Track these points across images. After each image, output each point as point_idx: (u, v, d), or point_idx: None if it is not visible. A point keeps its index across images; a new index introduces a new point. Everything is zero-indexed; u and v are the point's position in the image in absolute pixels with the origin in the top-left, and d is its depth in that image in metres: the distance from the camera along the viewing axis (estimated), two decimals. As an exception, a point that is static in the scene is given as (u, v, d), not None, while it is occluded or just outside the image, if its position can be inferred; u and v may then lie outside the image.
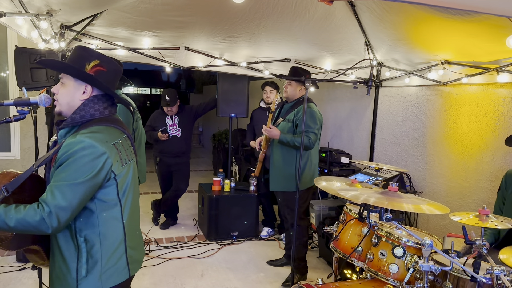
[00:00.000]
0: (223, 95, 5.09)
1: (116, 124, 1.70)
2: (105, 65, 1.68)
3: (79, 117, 1.63)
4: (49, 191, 1.47)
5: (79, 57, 1.66)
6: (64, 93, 1.66)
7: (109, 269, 1.61)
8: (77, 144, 1.50)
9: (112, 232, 1.62)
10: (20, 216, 1.41)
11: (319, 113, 3.62)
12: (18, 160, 5.56)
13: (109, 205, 1.60)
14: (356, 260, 2.43)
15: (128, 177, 1.68)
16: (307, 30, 3.55)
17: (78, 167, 1.49)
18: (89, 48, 1.77)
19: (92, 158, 1.51)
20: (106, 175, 1.56)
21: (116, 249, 1.63)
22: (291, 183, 3.56)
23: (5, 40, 5.43)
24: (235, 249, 4.51)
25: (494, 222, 1.86)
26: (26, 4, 2.87)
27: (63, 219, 1.46)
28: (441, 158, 3.94)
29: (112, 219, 1.62)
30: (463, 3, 1.54)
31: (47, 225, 1.43)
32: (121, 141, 1.67)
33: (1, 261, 3.88)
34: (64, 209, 1.45)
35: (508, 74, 3.18)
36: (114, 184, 1.60)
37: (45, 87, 2.89)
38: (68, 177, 1.48)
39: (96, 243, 1.58)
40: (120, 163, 1.62)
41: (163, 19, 3.39)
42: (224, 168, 5.44)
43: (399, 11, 2.92)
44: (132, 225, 1.72)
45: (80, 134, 1.54)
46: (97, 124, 1.62)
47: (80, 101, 1.65)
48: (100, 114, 1.67)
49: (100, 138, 1.56)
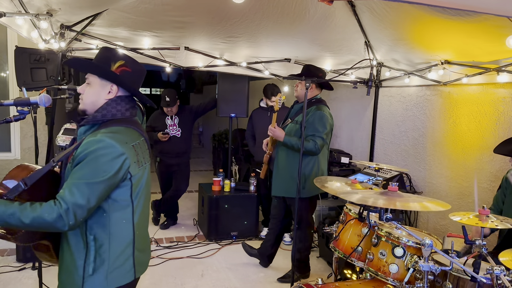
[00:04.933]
0: (223, 95, 5.09)
1: (136, 126, 1.72)
2: (130, 65, 1.70)
3: (101, 116, 1.64)
4: (67, 188, 1.47)
5: (104, 57, 1.68)
6: (90, 93, 1.67)
7: (115, 269, 1.62)
8: (98, 143, 1.51)
9: (121, 233, 1.62)
10: (36, 214, 1.41)
11: (330, 116, 3.47)
12: (18, 160, 5.56)
13: (122, 206, 1.61)
14: (356, 260, 2.43)
15: (143, 179, 1.69)
16: (307, 30, 3.55)
17: (98, 166, 1.50)
18: (114, 49, 1.78)
19: (112, 158, 1.52)
20: (124, 175, 1.57)
21: (124, 250, 1.64)
22: (294, 188, 3.29)
23: (5, 40, 5.43)
24: (235, 249, 4.51)
25: (494, 222, 1.86)
26: (26, 4, 2.87)
27: (80, 216, 1.47)
28: (441, 158, 3.94)
29: (123, 220, 1.63)
30: (463, 3, 1.54)
31: (64, 222, 1.43)
32: (139, 143, 1.69)
33: (1, 261, 3.88)
34: (81, 207, 1.46)
35: (508, 74, 3.18)
36: (129, 185, 1.61)
37: (45, 87, 2.89)
38: (87, 176, 1.48)
39: (105, 242, 1.59)
40: (137, 165, 1.64)
41: (163, 19, 3.39)
42: (224, 168, 5.44)
43: (399, 11, 2.92)
44: (142, 227, 1.74)
45: (101, 133, 1.55)
46: (117, 124, 1.64)
47: (104, 100, 1.67)
48: (121, 115, 1.68)
49: (120, 138, 1.57)
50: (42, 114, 4.83)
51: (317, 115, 3.40)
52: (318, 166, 3.52)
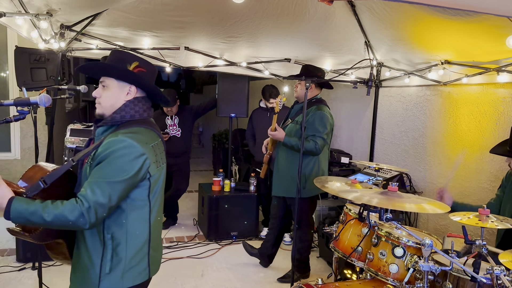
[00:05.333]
0: (223, 95, 5.09)
1: (153, 127, 1.74)
2: (144, 66, 1.70)
3: (120, 117, 1.65)
4: (88, 187, 1.49)
5: (119, 59, 1.68)
6: (108, 96, 1.67)
7: (131, 268, 1.63)
8: (119, 143, 1.53)
9: (138, 232, 1.64)
10: (58, 211, 1.43)
11: (330, 117, 3.48)
12: (18, 160, 5.56)
13: (139, 205, 1.63)
14: (356, 260, 2.43)
15: (160, 180, 1.72)
16: (307, 30, 3.55)
17: (119, 165, 1.52)
18: (125, 50, 1.77)
19: (133, 158, 1.54)
20: (143, 175, 1.59)
21: (140, 249, 1.65)
22: (294, 188, 3.28)
23: (5, 40, 5.44)
24: (235, 249, 4.51)
25: (494, 222, 1.86)
26: (26, 4, 2.87)
27: (101, 215, 1.49)
28: (441, 158, 3.94)
29: (140, 219, 1.64)
30: (463, 3, 1.54)
31: (85, 221, 1.45)
32: (158, 143, 1.71)
33: (1, 261, 3.88)
34: (103, 205, 1.48)
35: (508, 74, 3.18)
36: (147, 185, 1.62)
37: (45, 87, 2.89)
38: (108, 175, 1.50)
39: (122, 241, 1.60)
40: (155, 165, 1.65)
41: (163, 19, 3.38)
42: (224, 168, 5.44)
43: (399, 11, 2.92)
44: (157, 227, 1.75)
45: (122, 133, 1.57)
46: (136, 125, 1.65)
47: (123, 102, 1.67)
48: (140, 116, 1.70)
49: (140, 139, 1.59)
50: (42, 114, 4.83)
51: (317, 115, 3.40)
52: (318, 166, 3.52)
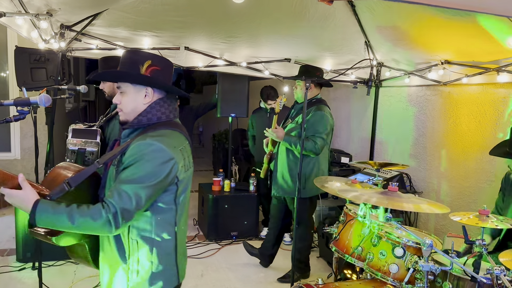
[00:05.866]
0: (223, 95, 5.09)
1: (180, 129, 1.70)
2: (158, 63, 1.63)
3: (146, 120, 1.61)
4: (115, 191, 1.45)
5: (131, 61, 1.62)
6: (128, 101, 1.63)
7: (160, 274, 1.58)
8: (148, 147, 1.49)
9: (165, 236, 1.59)
10: (84, 216, 1.39)
11: (330, 117, 3.49)
12: (18, 160, 5.56)
13: (165, 209, 1.58)
14: (356, 260, 2.43)
15: (187, 184, 1.67)
16: (307, 30, 3.54)
17: (148, 170, 1.47)
18: (138, 50, 1.73)
19: (162, 162, 1.50)
20: (172, 179, 1.54)
21: (168, 254, 1.61)
22: (294, 188, 3.35)
23: (5, 40, 5.44)
24: (235, 249, 4.51)
25: (494, 222, 1.86)
26: (26, 4, 2.87)
27: (127, 220, 1.44)
28: (441, 158, 3.94)
29: (166, 224, 1.59)
30: (463, 3, 1.54)
31: (111, 226, 1.41)
32: (185, 146, 1.67)
33: (1, 261, 3.88)
34: (129, 211, 1.43)
35: (508, 74, 3.18)
36: (174, 189, 1.58)
37: (45, 87, 2.88)
38: (136, 179, 1.46)
39: (148, 246, 1.56)
40: (183, 169, 1.61)
41: (163, 19, 3.38)
42: (224, 168, 5.44)
43: (399, 11, 2.92)
44: (183, 230, 1.71)
45: (150, 136, 1.52)
46: (164, 127, 1.61)
47: (144, 105, 1.62)
48: (166, 118, 1.65)
49: (169, 142, 1.55)
50: (42, 114, 4.82)
51: (317, 116, 3.41)
52: (318, 166, 3.52)
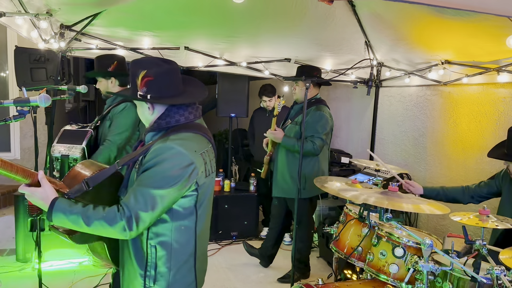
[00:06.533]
0: (223, 95, 5.08)
1: (203, 132, 1.65)
2: (152, 72, 1.53)
3: (165, 123, 1.57)
4: (132, 194, 1.42)
5: (132, 75, 1.58)
6: (139, 114, 1.66)
7: (177, 281, 1.55)
8: (167, 151, 1.46)
9: (184, 243, 1.55)
10: (98, 219, 1.38)
11: (329, 117, 3.49)
12: (18, 160, 5.56)
13: (185, 215, 1.54)
14: (356, 260, 2.43)
15: (209, 189, 1.62)
16: (307, 30, 3.54)
17: (166, 174, 1.44)
18: (138, 58, 1.69)
19: (181, 167, 1.46)
20: (191, 185, 1.50)
21: (186, 261, 1.57)
22: (295, 189, 3.32)
23: (5, 40, 5.43)
24: (235, 249, 4.51)
25: (494, 222, 1.86)
26: (26, 4, 2.87)
27: (142, 225, 1.41)
28: (441, 158, 3.94)
29: (186, 229, 1.55)
30: (463, 3, 1.54)
31: (125, 230, 1.38)
32: (208, 150, 1.63)
33: (1, 261, 3.87)
34: (145, 215, 1.40)
35: (508, 74, 3.18)
36: (195, 194, 1.53)
37: (45, 87, 2.88)
38: (153, 184, 1.42)
39: (166, 252, 1.52)
40: (204, 174, 1.57)
41: (163, 19, 3.38)
42: (224, 168, 5.44)
43: (399, 11, 2.92)
44: (203, 237, 1.67)
45: (170, 140, 1.49)
46: (186, 130, 1.57)
47: (151, 116, 1.60)
48: (185, 119, 1.59)
49: (190, 146, 1.51)
50: (42, 114, 4.82)
51: (316, 116, 3.41)
52: (318, 166, 3.52)
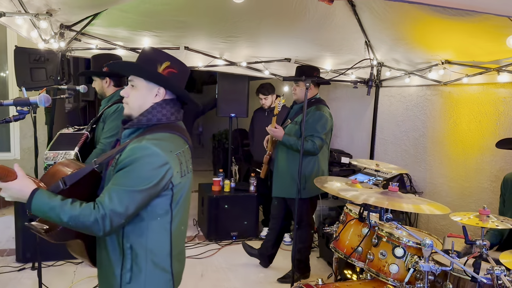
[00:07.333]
0: (223, 95, 5.08)
1: (181, 133, 1.65)
2: (176, 66, 1.61)
3: (146, 120, 1.59)
4: (107, 193, 1.44)
5: (149, 58, 1.60)
6: (136, 96, 1.61)
7: (153, 279, 1.57)
8: (142, 150, 1.47)
9: (159, 242, 1.57)
10: (74, 214, 1.40)
11: (329, 117, 3.49)
12: (18, 160, 5.56)
13: (160, 215, 1.55)
14: (356, 261, 2.43)
15: (184, 189, 1.63)
16: (307, 30, 3.54)
17: (140, 174, 1.46)
18: (158, 49, 1.69)
19: (155, 167, 1.47)
20: (165, 185, 1.51)
21: (162, 260, 1.59)
22: (295, 189, 3.29)
23: (5, 40, 5.43)
24: (235, 249, 4.50)
25: (494, 222, 1.86)
26: (26, 4, 2.87)
27: (116, 224, 1.43)
28: (441, 158, 3.94)
29: (161, 229, 1.57)
30: (463, 3, 1.54)
31: (99, 228, 1.40)
32: (184, 151, 1.63)
33: (1, 261, 3.87)
34: (119, 214, 1.42)
35: (508, 74, 3.18)
36: (169, 194, 1.55)
37: (44, 87, 2.88)
38: (128, 183, 1.45)
39: (141, 251, 1.54)
40: (179, 174, 1.57)
41: (163, 19, 3.38)
42: (224, 168, 5.43)
43: (399, 11, 2.92)
44: (180, 236, 1.68)
45: (146, 139, 1.50)
46: (163, 130, 1.58)
47: (151, 103, 1.61)
48: (167, 120, 1.61)
49: (165, 146, 1.52)
50: (41, 114, 4.81)
51: (316, 116, 3.41)
52: (318, 166, 3.52)
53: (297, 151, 3.36)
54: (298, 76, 3.51)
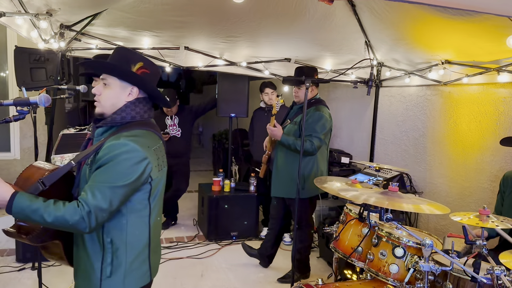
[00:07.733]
0: (223, 95, 5.08)
1: (154, 129, 1.71)
2: (149, 67, 1.66)
3: (120, 118, 1.62)
4: (89, 191, 1.47)
5: (123, 58, 1.63)
6: (109, 95, 1.63)
7: (132, 271, 1.62)
8: (122, 147, 1.50)
9: (138, 235, 1.62)
10: (59, 213, 1.41)
11: (329, 117, 3.49)
12: (18, 160, 5.55)
13: (139, 209, 1.61)
14: (356, 261, 2.43)
15: (161, 183, 1.69)
16: (307, 30, 3.54)
17: (121, 170, 1.49)
18: (131, 49, 1.75)
19: (135, 162, 1.51)
20: (145, 179, 1.57)
21: (141, 252, 1.64)
22: (293, 189, 3.28)
23: (5, 40, 5.44)
24: (235, 249, 4.50)
25: (494, 222, 1.86)
26: (26, 4, 2.87)
27: (101, 220, 1.47)
28: (441, 158, 3.94)
29: (140, 223, 1.62)
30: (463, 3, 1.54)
31: (85, 225, 1.43)
32: (159, 146, 1.69)
33: (1, 261, 3.87)
34: (103, 210, 1.46)
35: (508, 74, 3.18)
36: (148, 188, 1.60)
37: (44, 87, 2.88)
38: (110, 179, 1.48)
39: (122, 244, 1.58)
40: (157, 169, 1.63)
41: (163, 19, 3.38)
42: (224, 168, 5.43)
43: (399, 10, 2.92)
44: (156, 229, 1.73)
45: (124, 136, 1.54)
46: (138, 127, 1.62)
47: (124, 102, 1.64)
48: (140, 117, 1.67)
49: (143, 142, 1.56)
50: (41, 114, 4.82)
51: (315, 116, 3.41)
52: (317, 166, 3.52)
53: (295, 151, 3.37)
54: (298, 76, 3.51)
